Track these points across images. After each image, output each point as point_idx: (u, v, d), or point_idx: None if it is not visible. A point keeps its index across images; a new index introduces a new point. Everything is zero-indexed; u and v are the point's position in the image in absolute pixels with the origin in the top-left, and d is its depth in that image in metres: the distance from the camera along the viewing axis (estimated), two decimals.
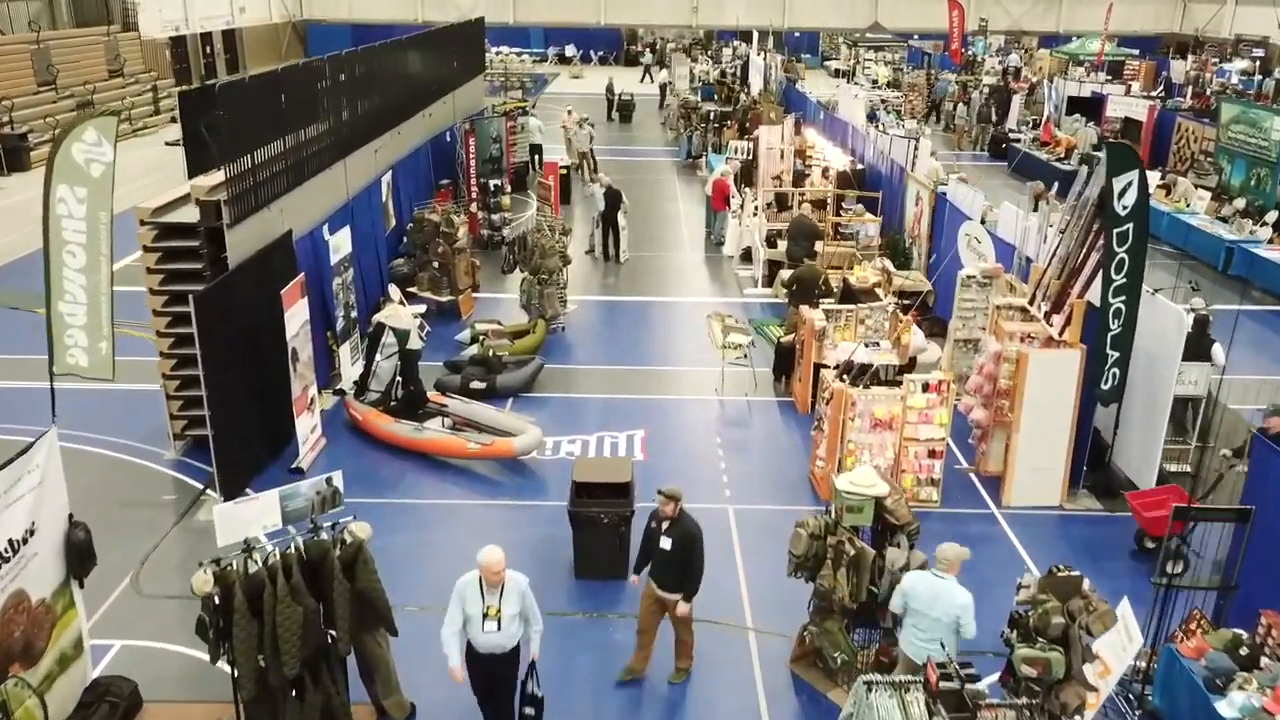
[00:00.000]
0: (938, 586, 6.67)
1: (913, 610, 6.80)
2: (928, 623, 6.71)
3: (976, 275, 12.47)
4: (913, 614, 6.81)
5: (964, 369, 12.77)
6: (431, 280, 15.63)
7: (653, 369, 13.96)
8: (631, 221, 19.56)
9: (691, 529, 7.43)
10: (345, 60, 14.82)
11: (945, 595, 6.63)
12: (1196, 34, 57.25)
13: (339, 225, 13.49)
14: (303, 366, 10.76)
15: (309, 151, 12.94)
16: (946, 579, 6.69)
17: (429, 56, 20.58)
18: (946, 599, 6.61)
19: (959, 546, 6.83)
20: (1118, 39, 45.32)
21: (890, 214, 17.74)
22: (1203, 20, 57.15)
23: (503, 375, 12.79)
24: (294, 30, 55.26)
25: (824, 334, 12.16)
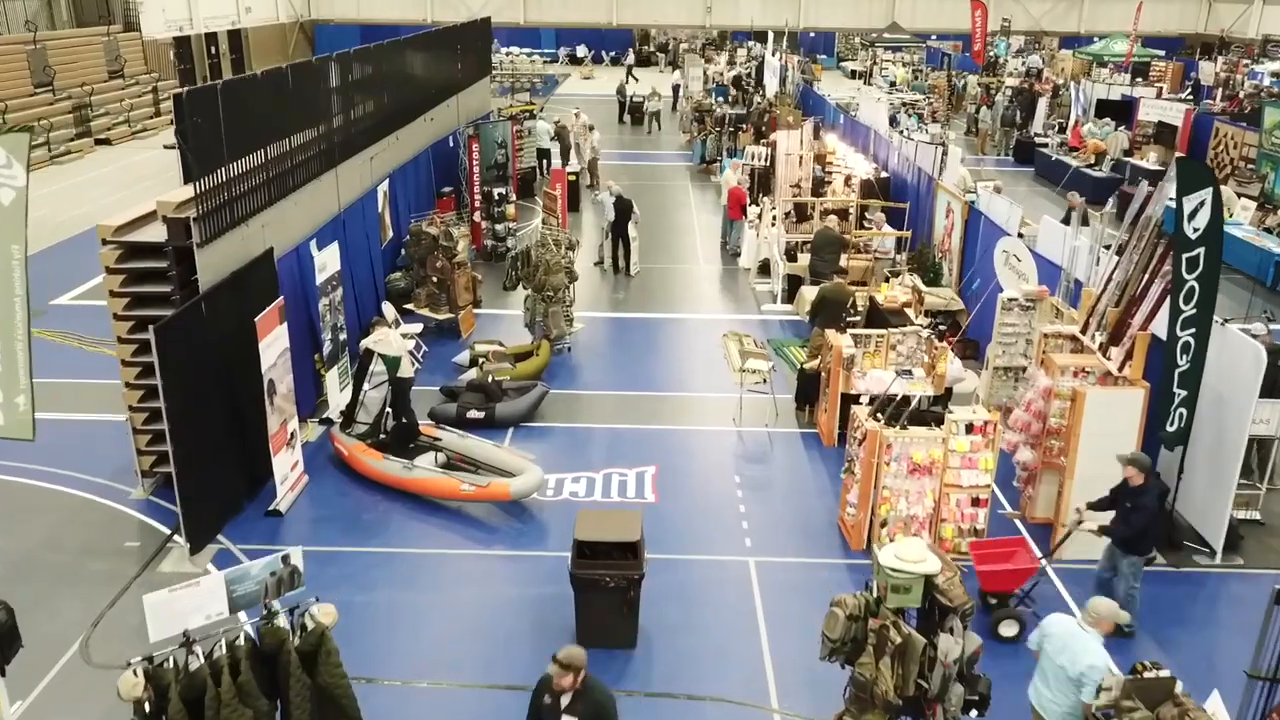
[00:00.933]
0: (1076, 636, 6.28)
1: (1045, 652, 6.47)
2: (1052, 669, 6.34)
3: (1019, 298, 11.42)
4: (1044, 656, 6.48)
5: (1003, 399, 11.75)
6: (429, 297, 14.67)
7: (665, 395, 12.96)
8: (642, 231, 18.57)
9: (603, 701, 5.81)
10: (339, 62, 13.88)
11: (1079, 647, 6.19)
12: (1222, 34, 55.89)
13: (328, 240, 12.55)
14: (281, 399, 9.80)
15: (296, 161, 12.00)
16: (1089, 632, 6.27)
17: (432, 57, 19.64)
18: (1078, 650, 6.18)
19: (1113, 604, 6.44)
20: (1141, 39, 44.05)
21: (918, 226, 16.68)
22: (1229, 20, 55.78)
23: (502, 404, 11.82)
24: (302, 30, 54.47)
25: (852, 361, 11.14)
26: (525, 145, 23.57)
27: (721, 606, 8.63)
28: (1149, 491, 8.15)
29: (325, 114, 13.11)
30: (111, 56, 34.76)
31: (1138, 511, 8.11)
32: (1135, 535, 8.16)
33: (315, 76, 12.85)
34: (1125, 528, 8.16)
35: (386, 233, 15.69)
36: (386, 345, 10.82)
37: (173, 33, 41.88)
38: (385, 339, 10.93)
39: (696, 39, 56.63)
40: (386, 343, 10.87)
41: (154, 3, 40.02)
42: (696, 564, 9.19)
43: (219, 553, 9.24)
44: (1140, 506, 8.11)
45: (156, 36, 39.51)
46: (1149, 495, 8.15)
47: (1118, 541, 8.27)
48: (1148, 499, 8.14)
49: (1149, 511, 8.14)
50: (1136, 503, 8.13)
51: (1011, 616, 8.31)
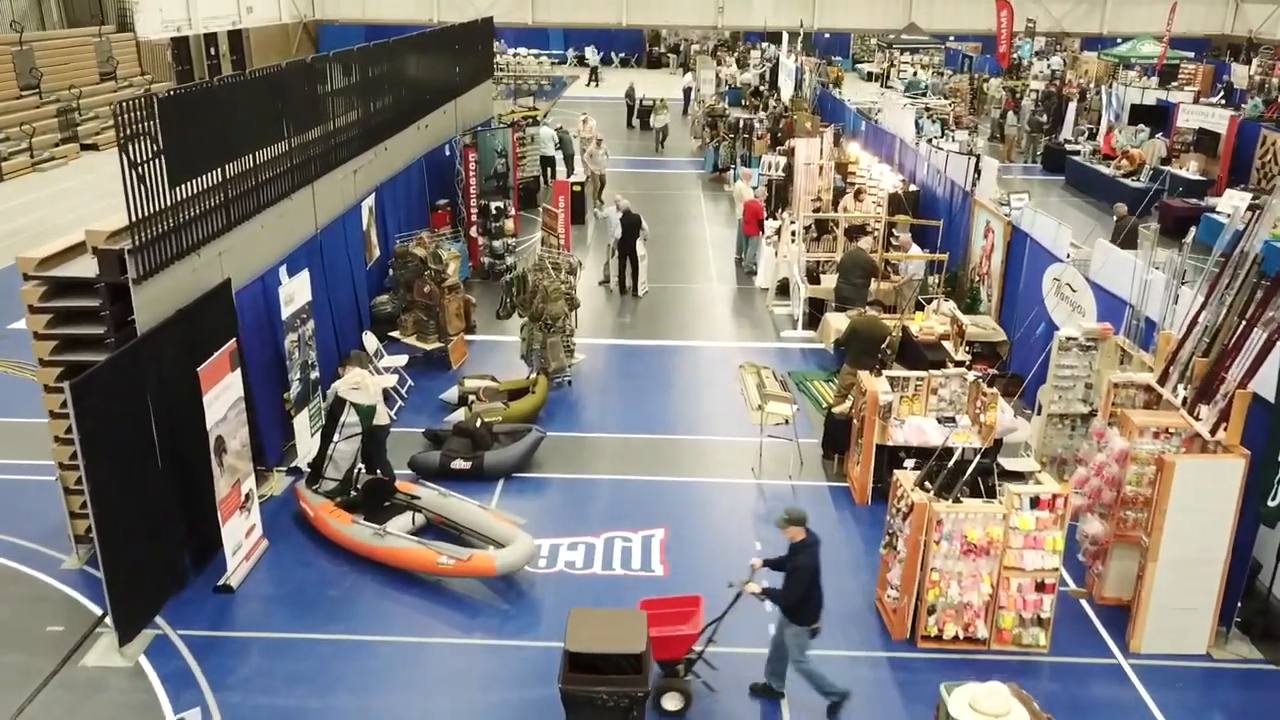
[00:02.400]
0: None
1: None
2: None
3: (1079, 337, 10.04)
4: None
5: (1058, 449, 10.40)
6: (417, 324, 13.35)
7: (675, 438, 11.61)
8: (652, 245, 17.22)
9: None
10: (316, 67, 12.58)
11: None
12: (1250, 35, 54.28)
13: (302, 264, 11.26)
14: (233, 457, 8.49)
15: (263, 178, 10.69)
16: None
17: (426, 60, 18.32)
18: None
19: None
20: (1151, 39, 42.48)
21: (953, 247, 15.28)
22: (1257, 21, 54.16)
23: (491, 452, 10.49)
24: (305, 31, 53.38)
25: (889, 410, 9.78)
26: (528, 153, 22.27)
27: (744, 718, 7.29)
28: (807, 549, 7.05)
29: (300, 124, 11.80)
30: (103, 58, 33.56)
31: (795, 574, 7.04)
32: (795, 601, 7.06)
33: (287, 83, 11.53)
34: (784, 593, 7.09)
35: (372, 252, 14.38)
36: (362, 393, 9.50)
37: (170, 33, 40.78)
38: (361, 384, 9.60)
39: (708, 40, 55.22)
40: (362, 389, 9.54)
41: (150, 2, 38.99)
42: (713, 658, 7.83)
43: (156, 639, 7.94)
44: (797, 568, 7.03)
45: (152, 37, 38.43)
46: (806, 554, 7.04)
47: (781, 609, 7.22)
48: (804, 558, 7.03)
49: (807, 573, 7.02)
50: (794, 563, 7.05)
51: (678, 689, 7.13)
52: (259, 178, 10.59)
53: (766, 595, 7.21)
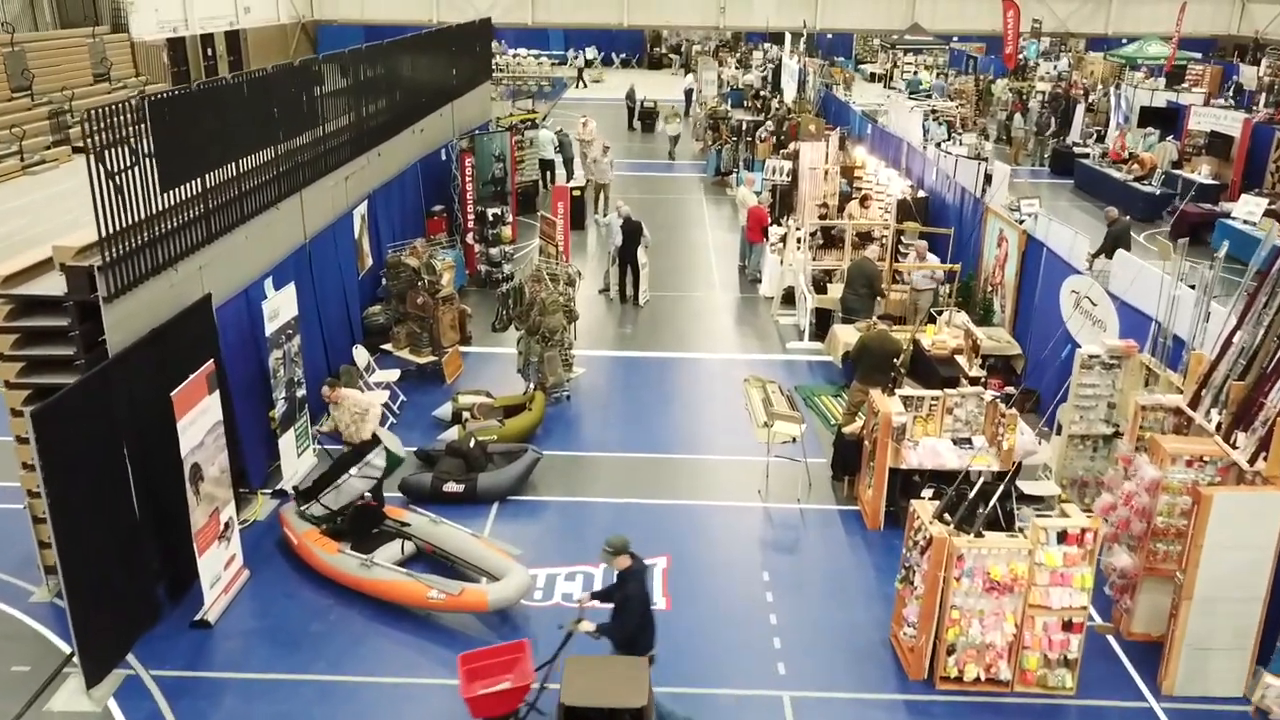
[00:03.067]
0: None
1: None
2: None
3: (1101, 354, 9.57)
4: None
5: (1078, 471, 9.93)
6: (410, 336, 12.89)
7: (677, 458, 11.14)
8: (653, 251, 16.74)
9: None
10: (304, 71, 12.12)
11: None
12: (1257, 36, 53.80)
13: (289, 275, 10.81)
14: (210, 484, 8.03)
15: (247, 186, 10.23)
16: None
17: (422, 62, 17.86)
18: None
19: None
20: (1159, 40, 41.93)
21: (964, 256, 14.80)
22: (1264, 21, 53.70)
23: (485, 474, 10.02)
24: (304, 31, 52.95)
25: (903, 432, 9.31)
26: (526, 157, 21.81)
27: None
28: (635, 575, 6.67)
29: (289, 129, 11.34)
30: (97, 59, 33.12)
31: (627, 604, 6.62)
32: (631, 633, 6.64)
33: (275, 87, 11.07)
34: (617, 626, 6.67)
35: (365, 261, 13.92)
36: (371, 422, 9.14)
37: (165, 34, 40.33)
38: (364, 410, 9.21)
39: (709, 41, 54.75)
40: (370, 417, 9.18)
41: (146, 3, 38.55)
42: (718, 701, 7.38)
43: (126, 680, 7.48)
44: (628, 598, 6.61)
45: (147, 38, 37.99)
46: (635, 581, 6.65)
47: (615, 644, 6.74)
48: (634, 586, 6.63)
49: (639, 601, 6.62)
50: (625, 592, 6.64)
51: None
52: (243, 186, 10.13)
53: (600, 632, 6.71)
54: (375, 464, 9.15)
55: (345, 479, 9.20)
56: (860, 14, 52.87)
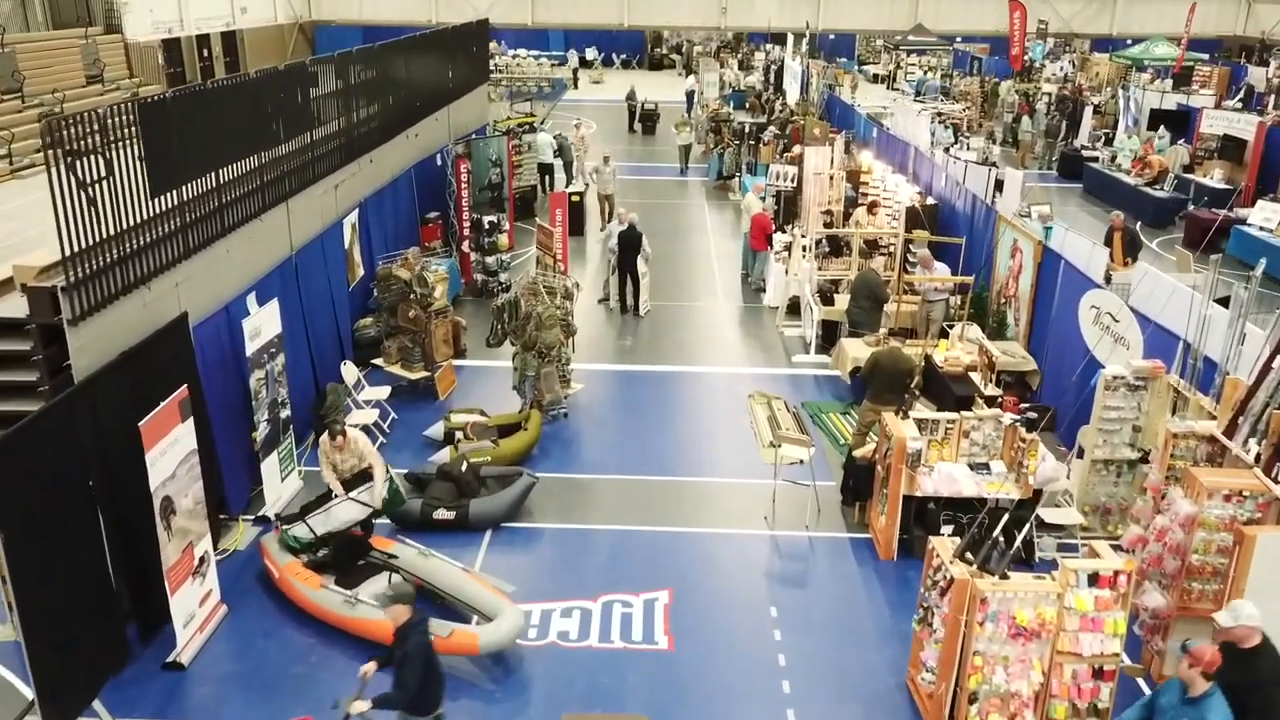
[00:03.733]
0: None
1: None
2: None
3: (1127, 375, 9.08)
4: None
5: (1101, 498, 9.46)
6: (401, 351, 12.40)
7: (680, 480, 10.66)
8: (654, 259, 16.25)
9: None
10: (292, 75, 11.64)
11: None
12: (1263, 36, 53.29)
13: (274, 289, 10.35)
14: (183, 518, 7.55)
15: (229, 198, 9.77)
16: None
17: (416, 65, 17.37)
18: None
19: None
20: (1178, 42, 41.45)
21: (974, 267, 14.31)
22: (1270, 21, 53.16)
23: (478, 501, 9.54)
24: (301, 32, 52.47)
25: (918, 459, 8.82)
26: (524, 162, 21.34)
27: None
28: (416, 629, 6.13)
29: (274, 136, 10.87)
30: (89, 60, 32.62)
31: (407, 662, 6.06)
32: (415, 692, 6.10)
33: (259, 93, 10.60)
34: (399, 689, 6.10)
35: (355, 271, 13.44)
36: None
37: (161, 35, 39.85)
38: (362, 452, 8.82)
39: (711, 41, 54.27)
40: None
41: (140, 3, 38.08)
42: None
43: None
44: (408, 655, 6.06)
45: (141, 39, 37.50)
46: (416, 634, 6.12)
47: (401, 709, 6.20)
48: (415, 640, 6.09)
49: (420, 655, 6.09)
50: (404, 649, 6.08)
51: None
52: (225, 197, 9.66)
53: (379, 704, 6.08)
54: (375, 493, 8.70)
55: (339, 501, 8.74)
56: (863, 14, 52.33)
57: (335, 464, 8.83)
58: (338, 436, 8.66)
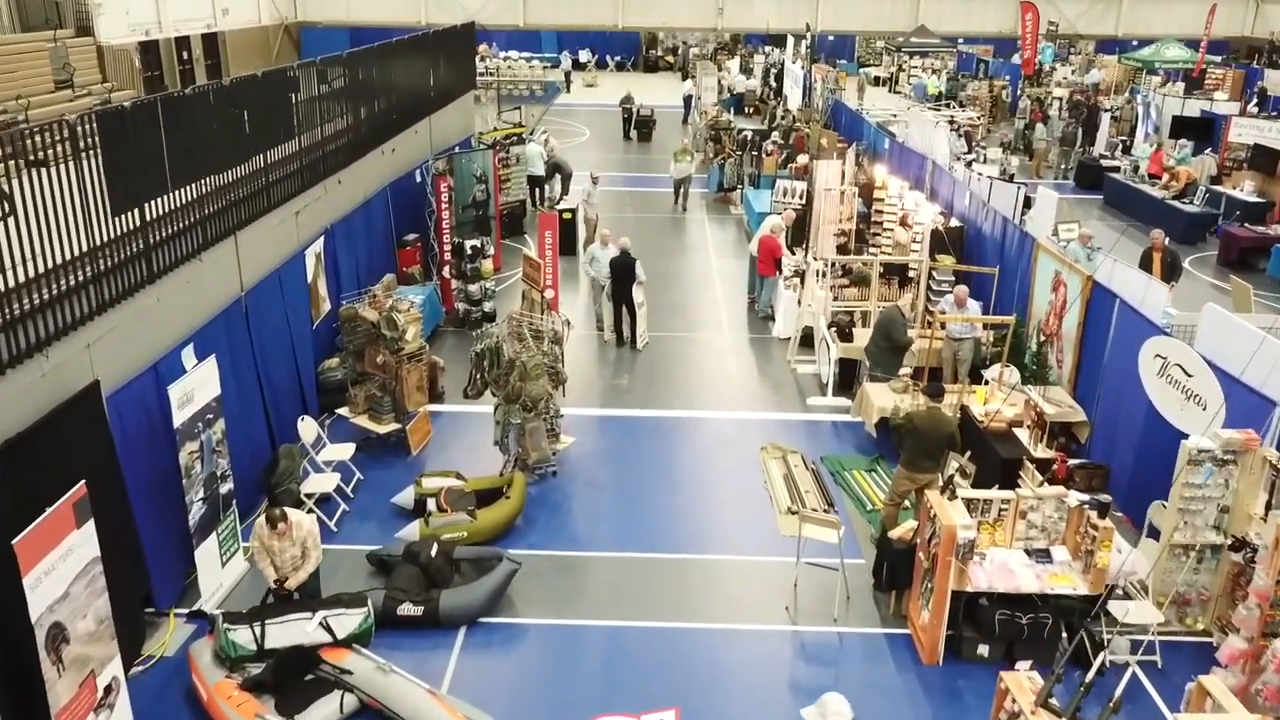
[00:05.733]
0: None
1: None
2: None
3: (1214, 449, 7.72)
4: None
5: (1181, 587, 8.08)
6: (369, 400, 11.00)
7: (685, 559, 9.26)
8: (652, 281, 14.86)
9: None
10: (241, 91, 10.24)
11: None
12: (1272, 38, 52.06)
13: (217, 339, 8.96)
14: (81, 645, 6.14)
15: (159, 237, 8.36)
16: None
17: (393, 73, 15.97)
18: None
19: None
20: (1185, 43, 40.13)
21: (1007, 299, 12.96)
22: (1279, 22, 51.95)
23: (450, 592, 8.15)
24: (287, 33, 51.05)
25: (971, 549, 7.45)
26: (513, 175, 19.93)
27: None
28: None
29: (216, 161, 9.48)
30: (59, 64, 31.13)
31: None
32: None
33: (196, 110, 9.19)
34: None
35: (320, 307, 12.04)
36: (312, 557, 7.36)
37: (137, 37, 38.36)
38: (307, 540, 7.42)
39: (708, 43, 52.89)
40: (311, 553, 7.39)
41: (115, 4, 36.59)
42: None
43: None
44: None
45: (115, 42, 36.01)
46: None
47: None
48: None
49: None
50: None
51: None
52: (154, 237, 8.26)
53: None
54: (345, 623, 7.31)
55: (304, 617, 7.35)
56: (863, 15, 50.99)
57: (274, 554, 7.43)
58: (278, 523, 7.24)
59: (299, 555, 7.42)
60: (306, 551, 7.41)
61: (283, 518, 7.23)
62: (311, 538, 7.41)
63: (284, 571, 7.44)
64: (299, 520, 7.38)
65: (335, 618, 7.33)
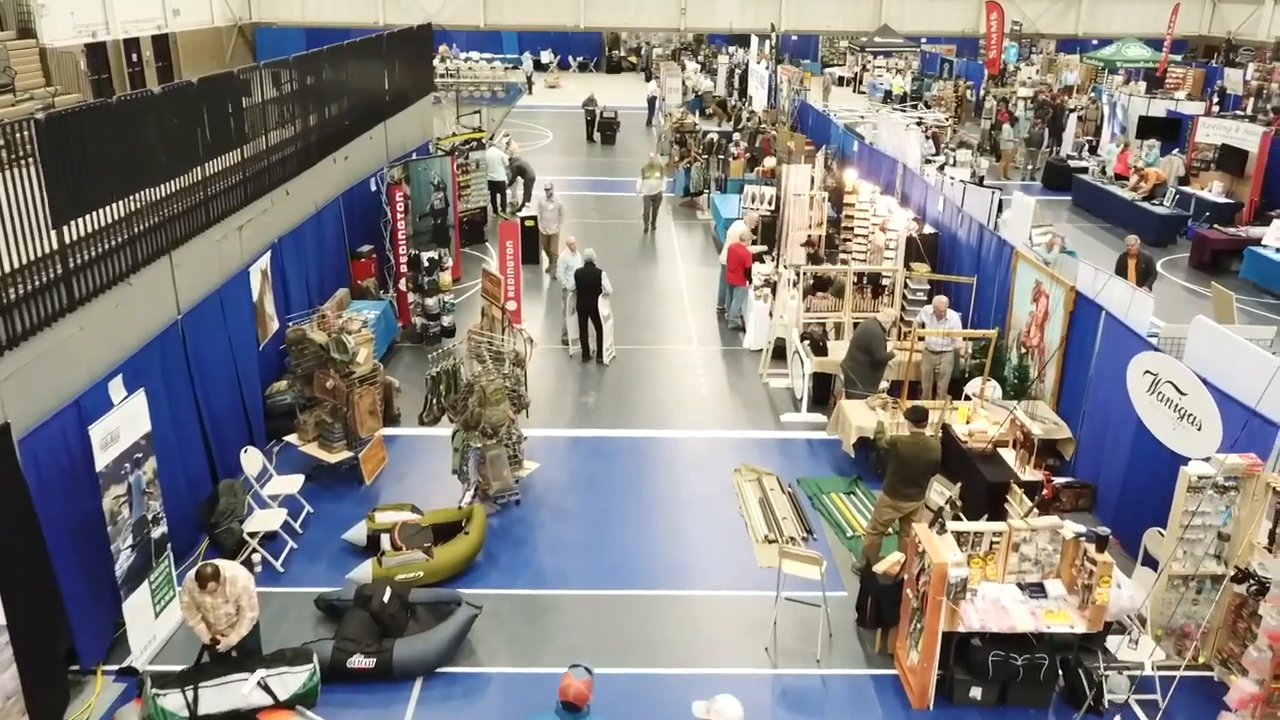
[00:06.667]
0: None
1: None
2: None
3: (1216, 476, 7.31)
4: None
5: (1181, 619, 7.68)
6: (319, 426, 10.35)
7: (657, 595, 8.70)
8: (618, 290, 14.30)
9: None
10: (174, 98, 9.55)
11: None
12: (1229, 37, 52.60)
13: (150, 369, 8.29)
14: None
15: (81, 260, 7.69)
16: None
17: (348, 77, 15.29)
18: None
19: None
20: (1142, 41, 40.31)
21: (985, 310, 12.57)
22: (1235, 22, 52.53)
23: (404, 641, 7.54)
24: (241, 34, 49.97)
25: (963, 588, 6.98)
26: (473, 181, 19.30)
27: None
28: None
29: (146, 175, 8.79)
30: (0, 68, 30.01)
31: None
32: None
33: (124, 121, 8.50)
34: None
35: (267, 327, 11.35)
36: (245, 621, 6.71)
37: (83, 39, 37.16)
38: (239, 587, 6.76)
39: (671, 43, 52.44)
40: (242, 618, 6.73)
41: (59, 5, 35.38)
42: None
43: None
44: None
45: (60, 44, 34.80)
46: None
47: None
48: None
49: None
50: None
51: None
52: (76, 259, 7.58)
53: None
54: (288, 682, 6.68)
55: (241, 679, 6.73)
56: (827, 15, 50.93)
57: (206, 610, 6.78)
58: (209, 581, 6.59)
59: (234, 613, 6.78)
60: (241, 610, 6.77)
61: (214, 575, 6.57)
62: (247, 595, 6.76)
63: (218, 628, 6.80)
64: (233, 576, 6.73)
65: (276, 677, 6.71)
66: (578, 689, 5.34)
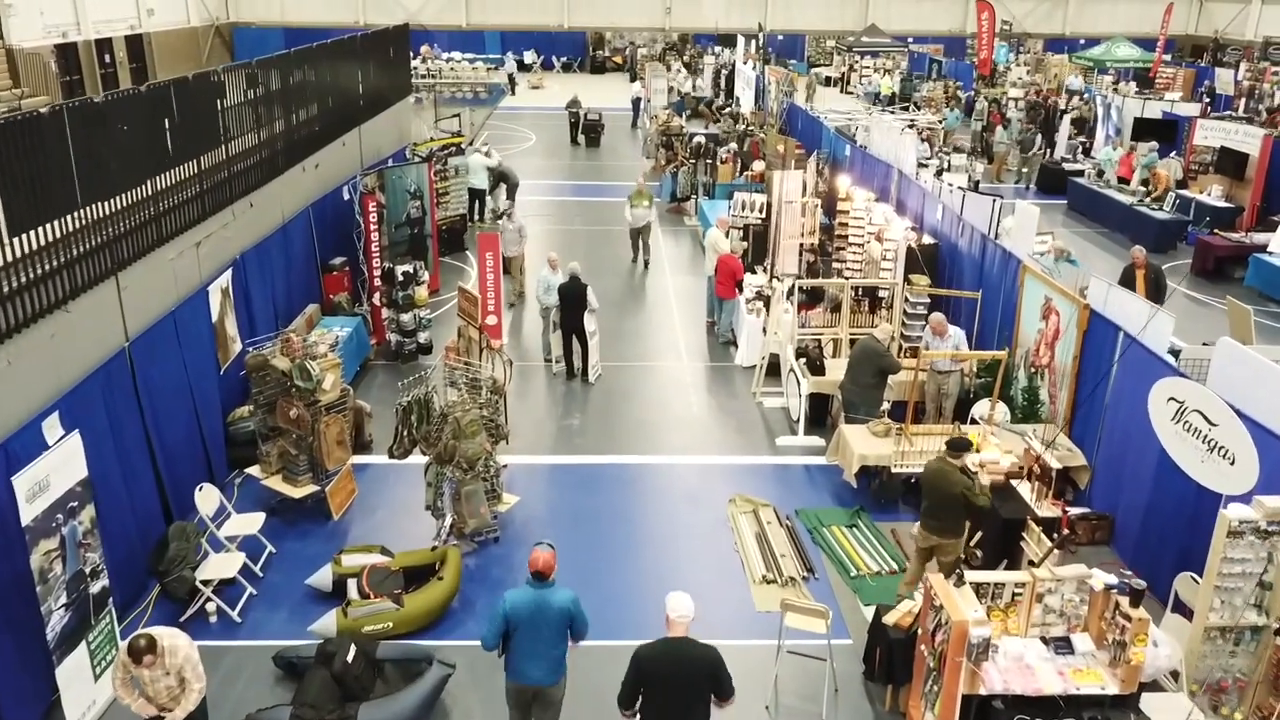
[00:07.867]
0: None
1: None
2: None
3: (1258, 520, 6.70)
4: None
5: (1217, 674, 7.06)
6: (283, 457, 9.63)
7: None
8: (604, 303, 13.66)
9: None
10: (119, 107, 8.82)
11: None
12: (1216, 36, 52.35)
13: (89, 407, 7.57)
14: None
15: (5, 290, 6.96)
16: None
17: (320, 80, 14.55)
18: None
19: None
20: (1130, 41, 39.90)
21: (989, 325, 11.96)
22: (1223, 21, 52.28)
23: (369, 706, 6.84)
24: (218, 34, 49.03)
25: (986, 649, 6.34)
26: (452, 188, 18.58)
27: None
28: None
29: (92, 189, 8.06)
30: None
31: None
32: None
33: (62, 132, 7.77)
34: None
35: (229, 349, 10.63)
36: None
37: (53, 40, 36.20)
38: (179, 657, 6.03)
39: (656, 43, 51.78)
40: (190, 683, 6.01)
41: (28, 4, 34.44)
42: None
43: None
44: None
45: (28, 44, 33.82)
46: None
47: None
48: None
49: None
50: None
51: None
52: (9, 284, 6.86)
53: None
54: None
55: None
56: (814, 14, 50.37)
57: (144, 684, 6.06)
58: (143, 655, 5.85)
59: (175, 685, 6.06)
60: (185, 682, 6.05)
61: (149, 648, 5.84)
62: (189, 664, 6.04)
63: (159, 702, 6.09)
64: (172, 645, 6.00)
65: None
66: (546, 559, 6.08)
